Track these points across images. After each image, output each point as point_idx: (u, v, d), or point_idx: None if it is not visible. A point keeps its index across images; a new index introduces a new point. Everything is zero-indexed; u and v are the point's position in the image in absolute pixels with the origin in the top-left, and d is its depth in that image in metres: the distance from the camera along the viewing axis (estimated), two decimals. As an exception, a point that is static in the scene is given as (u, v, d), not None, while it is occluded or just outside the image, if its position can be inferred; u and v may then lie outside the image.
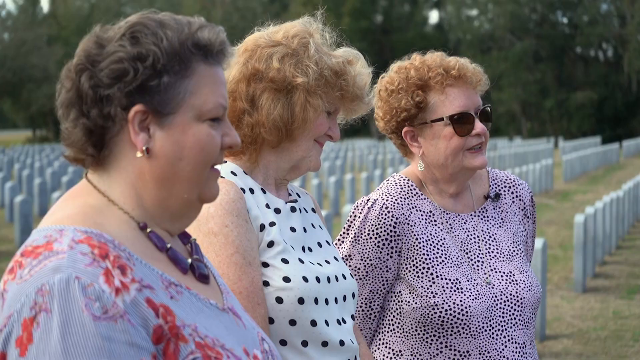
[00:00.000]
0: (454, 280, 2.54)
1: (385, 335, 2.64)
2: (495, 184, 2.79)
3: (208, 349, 1.47)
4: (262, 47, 2.21)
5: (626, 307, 9.80)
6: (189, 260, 1.60)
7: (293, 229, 2.23)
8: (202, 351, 1.46)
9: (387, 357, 2.62)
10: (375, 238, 2.58)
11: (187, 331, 1.46)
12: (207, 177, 1.57)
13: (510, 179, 2.81)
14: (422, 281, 2.54)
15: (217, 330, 1.52)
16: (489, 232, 2.68)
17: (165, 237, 1.59)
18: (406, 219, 2.60)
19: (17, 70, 61.72)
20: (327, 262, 2.24)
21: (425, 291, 2.53)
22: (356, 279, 2.60)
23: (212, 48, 1.57)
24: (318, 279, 2.14)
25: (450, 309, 2.50)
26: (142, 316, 1.41)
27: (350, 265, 2.61)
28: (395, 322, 2.60)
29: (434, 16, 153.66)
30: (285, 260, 2.13)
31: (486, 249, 2.65)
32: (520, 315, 2.59)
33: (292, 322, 2.11)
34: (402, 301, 2.58)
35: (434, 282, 2.54)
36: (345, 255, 2.62)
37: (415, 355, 2.57)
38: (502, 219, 2.73)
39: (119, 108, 1.50)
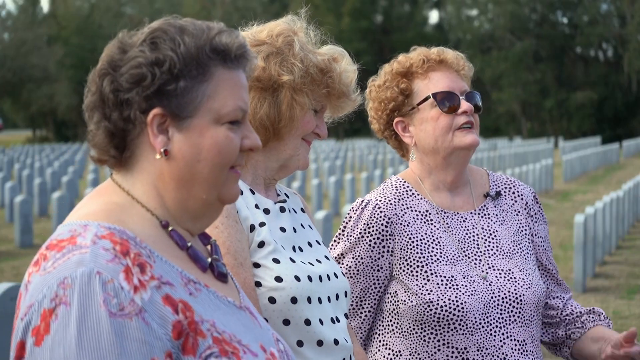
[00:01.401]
0: (449, 277, 2.54)
1: (384, 336, 2.64)
2: (496, 184, 2.79)
3: (225, 344, 1.51)
4: None
5: (626, 307, 9.80)
6: (209, 260, 1.65)
7: (283, 229, 2.22)
8: (219, 346, 1.50)
9: (386, 357, 2.62)
10: (367, 237, 2.60)
11: (205, 326, 1.50)
12: (225, 178, 1.61)
13: (511, 180, 2.82)
14: (416, 279, 2.55)
15: (234, 327, 1.56)
16: (489, 230, 2.68)
17: (186, 236, 1.64)
18: (399, 218, 2.61)
19: (17, 70, 61.71)
20: (318, 261, 2.24)
21: (420, 289, 2.53)
22: (348, 278, 2.61)
23: (230, 52, 1.61)
24: (310, 278, 2.14)
25: (446, 305, 2.51)
26: (160, 314, 1.45)
27: (343, 264, 2.63)
28: (393, 323, 2.61)
29: (434, 16, 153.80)
30: (276, 260, 2.12)
31: (485, 246, 2.65)
32: (520, 312, 2.58)
33: (286, 322, 2.10)
34: (398, 301, 2.58)
35: (428, 280, 2.54)
36: (339, 254, 2.63)
37: (413, 355, 2.57)
38: (503, 217, 2.72)
39: (138, 111, 1.55)
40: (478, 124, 2.66)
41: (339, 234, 2.67)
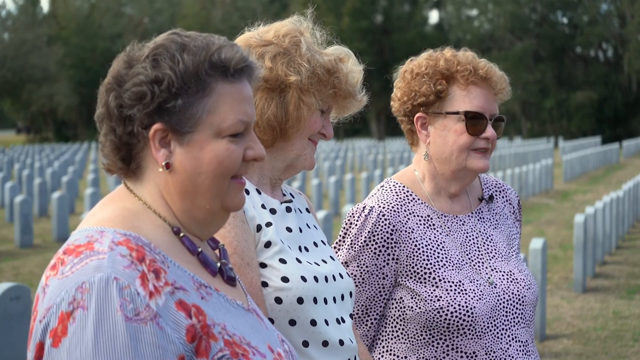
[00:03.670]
0: (457, 282, 2.54)
1: (388, 342, 2.62)
2: (488, 187, 2.81)
3: (236, 346, 1.56)
4: (254, 47, 2.20)
5: (626, 307, 9.80)
6: (218, 264, 1.70)
7: (289, 229, 2.22)
8: (230, 348, 1.55)
9: None
10: (372, 245, 2.57)
11: (216, 329, 1.55)
12: (228, 188, 1.65)
13: (500, 184, 2.85)
14: (425, 286, 2.54)
15: (243, 329, 1.61)
16: (485, 233, 2.69)
17: (196, 242, 1.68)
18: (403, 225, 2.59)
19: (17, 70, 61.70)
20: (324, 261, 2.24)
21: (429, 295, 2.52)
22: None
23: (229, 67, 1.63)
24: (316, 279, 2.14)
25: (456, 311, 2.50)
26: (173, 319, 1.50)
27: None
28: (399, 329, 2.59)
29: (434, 16, 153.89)
30: (282, 261, 2.12)
31: (485, 249, 2.65)
32: (523, 313, 2.60)
33: (292, 322, 2.10)
34: (404, 307, 2.56)
35: (437, 286, 2.53)
36: (342, 263, 2.60)
37: None
38: (496, 220, 2.75)
39: (140, 127, 1.60)
40: (494, 149, 2.67)
41: (340, 241, 2.64)
